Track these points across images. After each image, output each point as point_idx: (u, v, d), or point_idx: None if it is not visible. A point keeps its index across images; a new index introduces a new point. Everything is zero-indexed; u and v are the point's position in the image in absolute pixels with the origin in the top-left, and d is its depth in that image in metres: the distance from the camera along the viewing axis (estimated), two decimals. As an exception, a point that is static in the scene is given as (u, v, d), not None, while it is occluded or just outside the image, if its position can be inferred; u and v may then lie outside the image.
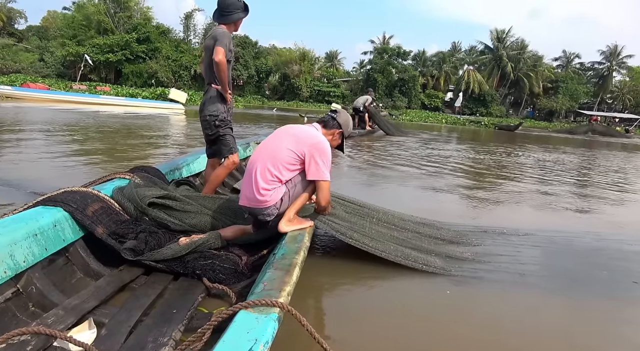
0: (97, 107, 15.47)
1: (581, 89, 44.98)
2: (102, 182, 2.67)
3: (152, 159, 5.82)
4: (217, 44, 2.81)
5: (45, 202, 2.11)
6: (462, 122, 29.77)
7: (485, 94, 42.37)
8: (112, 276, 2.04)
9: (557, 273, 2.68)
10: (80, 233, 2.13)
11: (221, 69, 2.83)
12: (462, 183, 6.07)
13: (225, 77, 2.89)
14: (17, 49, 39.92)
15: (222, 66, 2.82)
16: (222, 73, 2.86)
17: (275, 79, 42.40)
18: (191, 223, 2.44)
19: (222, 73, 2.86)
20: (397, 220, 3.06)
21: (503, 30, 45.12)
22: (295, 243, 2.10)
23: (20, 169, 4.49)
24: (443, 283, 2.41)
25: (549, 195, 5.52)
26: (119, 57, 33.31)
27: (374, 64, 41.08)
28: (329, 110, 2.69)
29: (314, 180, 2.34)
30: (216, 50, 2.79)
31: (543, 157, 10.72)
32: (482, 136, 18.98)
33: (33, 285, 1.75)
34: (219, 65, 2.81)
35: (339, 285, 2.39)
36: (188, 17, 38.58)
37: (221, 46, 2.80)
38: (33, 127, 8.14)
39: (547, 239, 3.30)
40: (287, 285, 1.58)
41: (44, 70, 35.21)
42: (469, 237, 3.13)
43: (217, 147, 3.13)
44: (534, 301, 2.32)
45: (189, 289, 2.00)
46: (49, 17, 47.23)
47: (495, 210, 4.52)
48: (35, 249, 1.81)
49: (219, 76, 2.89)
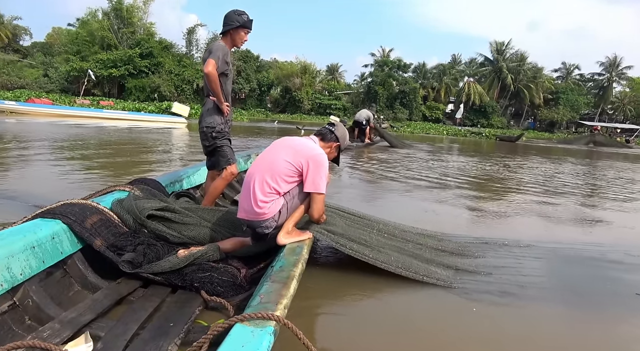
0: (100, 121, 15.59)
1: (582, 100, 45.11)
2: (102, 194, 2.67)
3: (154, 172, 5.83)
4: (210, 56, 2.86)
5: (44, 214, 2.11)
6: (463, 134, 29.82)
7: (486, 106, 42.53)
8: (110, 289, 2.03)
9: (558, 285, 2.65)
10: (79, 245, 2.12)
11: (211, 80, 2.86)
12: (464, 194, 6.05)
13: (217, 89, 2.92)
14: (21, 65, 40.42)
15: (212, 77, 2.85)
16: (214, 84, 2.89)
17: (277, 92, 42.73)
18: (190, 236, 2.43)
19: (213, 84, 2.89)
20: (398, 231, 3.05)
21: (502, 42, 45.57)
22: (294, 256, 2.09)
23: (22, 182, 4.52)
24: (444, 296, 2.38)
25: (551, 206, 5.49)
26: (122, 72, 33.64)
27: (375, 77, 41.38)
28: (327, 123, 2.70)
29: (310, 192, 2.34)
30: (207, 62, 2.84)
31: (545, 168, 10.70)
32: (483, 147, 18.99)
33: (30, 298, 1.74)
34: (208, 76, 2.85)
35: (338, 297, 2.37)
36: (190, 32, 39.04)
37: (213, 58, 2.84)
38: (36, 141, 8.19)
39: (549, 251, 3.27)
40: (284, 298, 1.56)
41: (48, 86, 35.55)
42: (471, 249, 3.11)
43: (215, 158, 3.14)
44: (535, 313, 2.28)
45: (187, 302, 1.98)
46: (53, 34, 47.94)
47: (497, 222, 4.50)
48: (32, 262, 1.81)
49: (210, 88, 2.92)
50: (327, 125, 2.67)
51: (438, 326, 2.11)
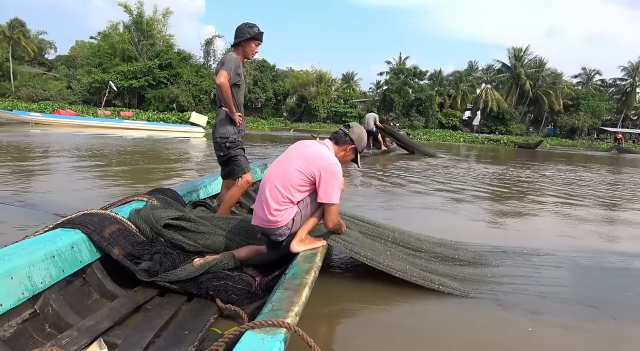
0: (121, 131, 15.95)
1: (603, 106, 44.05)
2: (121, 204, 2.73)
3: (172, 181, 5.93)
4: (222, 68, 2.91)
5: (64, 224, 2.17)
6: (480, 141, 29.43)
7: (504, 112, 41.92)
8: (127, 297, 2.06)
9: (579, 295, 2.58)
10: (97, 254, 2.17)
11: (223, 91, 2.91)
12: (481, 201, 5.96)
13: (228, 99, 2.96)
14: (46, 77, 41.85)
15: (224, 88, 2.89)
16: (225, 95, 2.93)
17: (292, 101, 43.01)
18: (205, 244, 2.45)
19: (224, 95, 2.93)
20: (414, 240, 3.02)
21: (520, 48, 44.97)
22: (307, 263, 2.09)
23: (45, 191, 4.64)
24: (461, 305, 2.34)
25: (571, 214, 5.36)
26: (142, 83, 34.42)
27: (391, 85, 41.30)
28: (343, 125, 2.66)
29: (323, 202, 2.33)
30: (219, 73, 2.89)
31: (565, 175, 10.46)
32: (501, 154, 18.70)
33: (50, 306, 1.78)
34: (220, 87, 2.90)
35: (352, 305, 2.35)
36: (208, 43, 39.74)
37: (224, 69, 2.89)
38: (58, 151, 8.43)
39: (569, 260, 3.19)
40: (296, 305, 1.56)
41: (71, 97, 36.62)
42: (488, 258, 3.06)
43: (230, 167, 3.19)
44: (555, 325, 2.22)
45: (202, 310, 2.00)
46: (76, 47, 49.48)
47: (515, 230, 4.41)
48: (52, 270, 1.85)
49: (222, 98, 2.97)
50: (342, 126, 2.61)
51: (454, 336, 2.07)
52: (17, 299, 1.65)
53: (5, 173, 5.66)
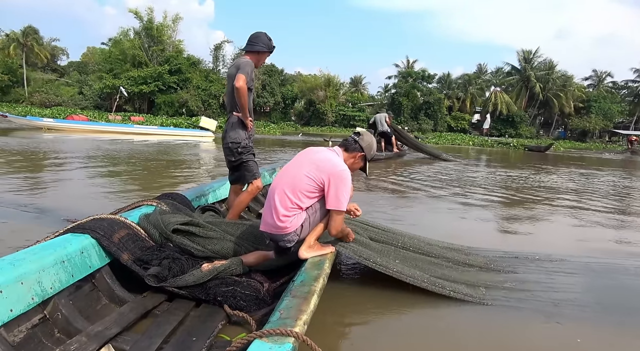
0: (131, 136, 16.10)
1: (615, 108, 43.44)
2: (130, 209, 2.74)
3: (182, 185, 5.96)
4: (239, 72, 2.91)
5: (74, 229, 2.18)
6: (490, 144, 29.17)
7: (513, 115, 41.55)
8: (136, 302, 2.06)
9: (594, 302, 2.52)
10: (107, 259, 2.17)
11: (241, 94, 2.91)
12: (492, 205, 5.89)
13: (245, 103, 2.96)
14: (58, 83, 42.49)
15: (242, 91, 2.90)
16: (242, 99, 2.93)
17: (300, 105, 43.12)
18: (214, 250, 2.45)
19: (242, 99, 2.93)
20: (424, 245, 2.98)
21: (530, 50, 44.61)
22: (315, 270, 2.07)
23: (56, 197, 4.69)
24: (473, 313, 2.31)
25: (584, 218, 5.27)
26: (152, 88, 34.80)
27: (399, 88, 41.18)
28: (352, 133, 2.66)
29: (330, 209, 2.31)
30: (237, 77, 2.88)
31: (577, 179, 10.32)
32: (511, 158, 18.51)
33: (59, 311, 1.78)
34: (239, 90, 2.89)
35: (361, 313, 2.32)
36: (217, 48, 40.02)
37: (243, 73, 2.89)
38: (70, 157, 8.53)
39: (583, 265, 3.12)
40: (304, 314, 1.54)
41: (83, 103, 37.15)
42: (500, 263, 3.01)
43: (240, 173, 3.18)
44: (569, 332, 2.17)
45: (210, 316, 1.99)
46: (88, 53, 50.29)
47: (527, 234, 4.34)
48: (62, 276, 1.86)
49: (239, 102, 2.97)
50: (352, 134, 2.61)
51: (466, 345, 2.03)
52: (27, 304, 1.66)
53: (18, 179, 5.74)
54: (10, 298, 1.58)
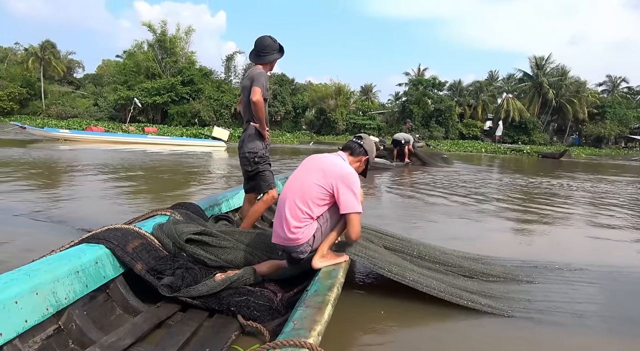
0: (145, 146, 16.32)
1: (631, 114, 42.70)
2: (144, 219, 2.75)
3: (195, 195, 5.99)
4: (254, 85, 2.90)
5: (89, 239, 2.19)
6: (502, 151, 28.86)
7: (526, 122, 41.09)
8: (150, 312, 2.05)
9: (618, 314, 2.43)
10: (121, 269, 2.17)
11: (259, 108, 2.92)
12: (507, 214, 5.79)
13: (262, 116, 2.97)
14: (75, 95, 43.44)
15: (260, 105, 2.90)
16: (260, 112, 2.94)
17: (311, 114, 43.30)
18: (227, 259, 2.44)
19: (259, 112, 2.94)
20: (440, 254, 2.93)
21: (542, 57, 44.23)
22: (329, 279, 2.04)
23: (72, 207, 4.74)
24: (493, 325, 2.24)
25: (603, 226, 5.14)
26: (165, 99, 35.32)
27: (410, 96, 41.12)
28: (354, 137, 2.65)
29: (345, 213, 2.28)
30: (253, 91, 2.88)
31: (594, 186, 10.10)
32: (525, 165, 18.25)
33: (73, 321, 1.78)
34: (256, 104, 2.89)
35: (377, 323, 2.27)
36: (229, 59, 40.57)
37: (258, 86, 2.88)
38: (85, 167, 8.66)
39: (605, 275, 3.03)
40: (318, 324, 1.51)
41: (98, 114, 37.89)
42: (518, 273, 2.93)
43: (256, 182, 3.18)
44: (592, 346, 2.10)
45: (223, 326, 1.97)
46: (103, 65, 51.45)
47: (545, 243, 4.25)
48: (76, 286, 1.86)
49: (256, 115, 2.97)
50: (354, 137, 2.61)
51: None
52: (42, 315, 1.65)
53: (35, 189, 5.83)
54: (25, 308, 1.58)
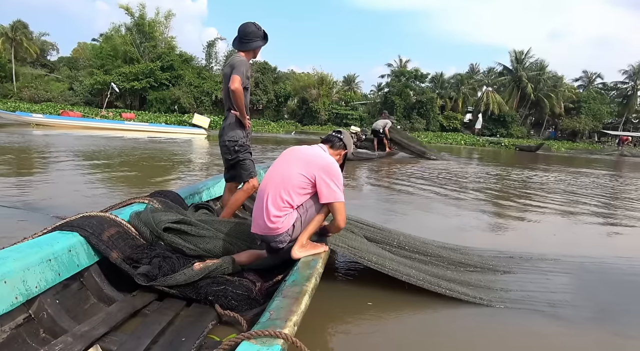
0: (122, 132, 15.93)
1: (605, 109, 43.99)
2: (122, 207, 2.69)
3: (175, 183, 5.88)
4: (233, 72, 2.85)
5: (62, 226, 2.13)
6: (481, 143, 29.38)
7: (505, 115, 41.86)
8: (125, 302, 2.01)
9: (590, 303, 2.51)
10: (95, 258, 2.12)
11: (237, 96, 2.87)
12: (485, 205, 5.90)
13: (241, 104, 2.92)
14: (48, 79, 41.89)
15: (238, 93, 2.85)
16: (239, 100, 2.89)
17: (293, 103, 43.01)
18: (206, 248, 2.40)
19: (238, 100, 2.89)
20: (419, 244, 2.96)
21: (522, 51, 44.92)
22: (308, 270, 2.04)
23: (46, 194, 4.58)
24: (469, 314, 2.29)
25: (576, 218, 5.30)
26: (143, 85, 34.44)
27: (392, 87, 41.26)
28: (333, 131, 2.67)
29: (329, 203, 2.28)
30: (232, 79, 2.83)
31: (568, 178, 10.40)
32: (502, 157, 18.64)
33: (44, 310, 1.73)
34: (235, 92, 2.84)
35: (355, 313, 2.29)
36: (210, 45, 39.73)
37: (238, 74, 2.83)
38: (59, 153, 8.40)
39: (577, 265, 3.13)
40: (294, 315, 1.51)
41: (73, 99, 36.68)
42: (495, 263, 3.00)
43: (237, 171, 3.14)
44: (566, 334, 2.16)
45: (201, 316, 1.95)
46: (79, 49, 49.59)
47: (520, 234, 4.36)
48: (48, 274, 1.80)
49: (235, 103, 2.92)
50: (333, 132, 2.64)
51: (462, 345, 2.01)
52: (11, 304, 1.61)
53: (6, 175, 5.62)
54: None
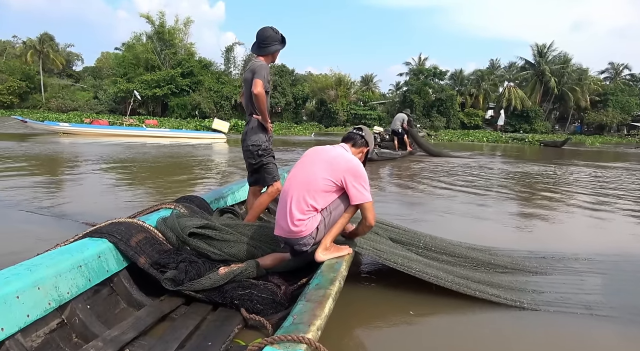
0: (145, 139, 16.27)
1: (633, 101, 42.42)
2: (149, 213, 2.74)
3: (199, 187, 5.96)
4: (255, 77, 2.86)
5: (92, 233, 2.17)
6: (504, 140, 28.72)
7: (528, 110, 40.87)
8: (153, 306, 2.04)
9: (628, 305, 2.40)
10: (124, 263, 2.16)
11: (260, 101, 2.88)
12: (512, 204, 5.76)
13: (264, 108, 2.94)
14: (74, 88, 43.33)
15: (261, 98, 2.87)
16: (262, 104, 2.91)
17: (312, 105, 43.11)
18: (230, 253, 2.41)
19: (261, 104, 2.91)
20: (446, 245, 2.90)
21: (544, 44, 43.75)
22: (332, 273, 2.02)
23: (76, 201, 4.71)
24: (502, 318, 2.22)
25: (608, 215, 5.10)
26: (165, 91, 35.18)
27: (410, 85, 40.85)
28: (353, 128, 2.64)
29: (358, 204, 2.25)
30: (255, 83, 2.84)
31: (598, 174, 10.05)
32: (527, 153, 18.18)
33: (76, 315, 1.77)
34: (258, 97, 2.86)
35: (380, 317, 2.25)
36: (229, 50, 40.30)
37: (259, 79, 2.84)
38: (88, 160, 8.63)
39: (613, 265, 3.00)
40: (318, 319, 1.49)
41: (98, 107, 37.80)
42: (526, 264, 2.91)
43: (261, 175, 3.15)
44: (602, 337, 2.07)
45: (227, 320, 1.96)
46: (102, 58, 51.08)
47: (551, 233, 4.21)
48: (79, 280, 1.85)
49: (258, 107, 2.94)
50: (353, 129, 2.61)
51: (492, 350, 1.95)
52: (44, 309, 1.65)
53: (38, 183, 5.81)
54: (27, 303, 1.57)
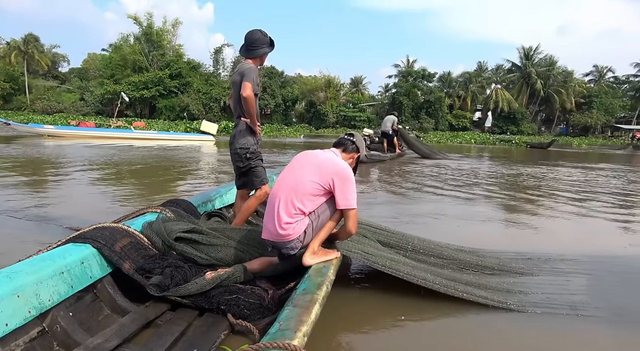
0: (132, 141, 16.07)
1: (617, 103, 43.28)
2: (134, 217, 2.69)
3: (187, 191, 5.90)
4: (244, 80, 2.85)
5: (75, 239, 2.13)
6: (492, 141, 29.02)
7: (515, 112, 41.41)
8: (138, 313, 2.00)
9: (613, 305, 2.43)
10: (108, 269, 2.12)
11: (249, 104, 2.87)
12: (499, 206, 5.81)
13: (253, 111, 2.93)
14: (60, 90, 42.66)
15: (250, 100, 2.85)
16: (251, 107, 2.89)
17: (301, 107, 43.09)
18: (217, 257, 2.38)
19: (250, 107, 2.89)
20: (434, 247, 2.91)
21: (531, 47, 44.44)
22: (319, 277, 2.01)
23: (60, 205, 4.62)
24: (490, 319, 2.22)
25: (594, 216, 5.18)
26: (153, 93, 34.85)
27: (399, 87, 41.11)
28: (344, 134, 2.63)
29: (342, 209, 2.25)
30: (244, 86, 2.83)
31: (582, 175, 10.20)
32: (513, 155, 18.39)
33: (58, 323, 1.73)
34: (247, 100, 2.85)
35: (368, 322, 2.23)
36: (217, 52, 40.06)
37: (248, 82, 2.83)
38: (73, 163, 8.49)
39: (598, 265, 3.04)
40: (304, 325, 1.48)
41: (84, 109, 37.27)
42: (512, 265, 2.92)
43: (249, 178, 3.13)
44: (590, 338, 2.09)
45: (213, 326, 1.93)
46: (89, 59, 50.41)
47: (537, 234, 4.25)
48: (61, 287, 1.80)
49: (247, 110, 2.92)
50: (345, 135, 2.60)
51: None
52: (24, 318, 1.60)
53: (20, 187, 5.69)
54: (5, 312, 1.53)
